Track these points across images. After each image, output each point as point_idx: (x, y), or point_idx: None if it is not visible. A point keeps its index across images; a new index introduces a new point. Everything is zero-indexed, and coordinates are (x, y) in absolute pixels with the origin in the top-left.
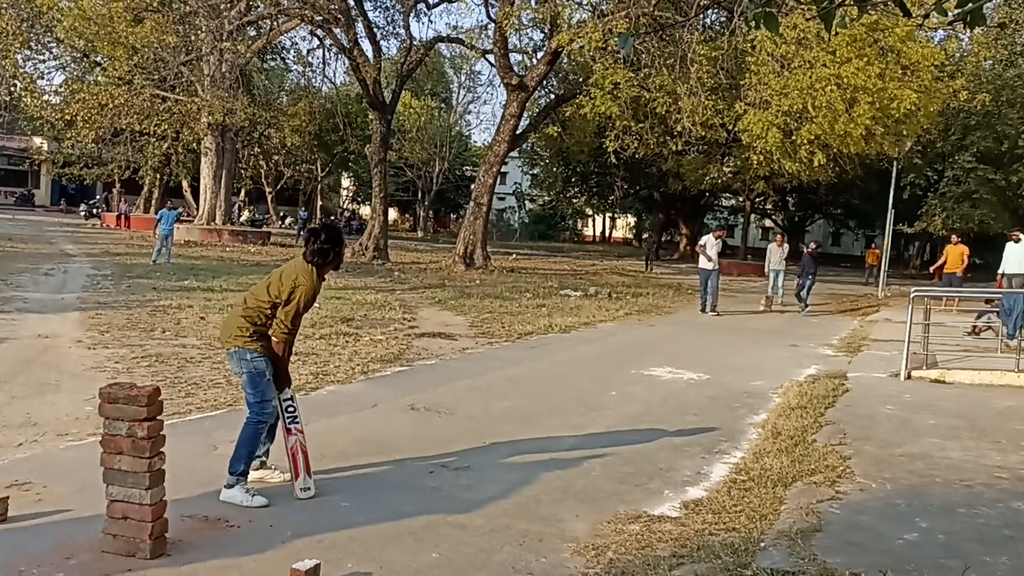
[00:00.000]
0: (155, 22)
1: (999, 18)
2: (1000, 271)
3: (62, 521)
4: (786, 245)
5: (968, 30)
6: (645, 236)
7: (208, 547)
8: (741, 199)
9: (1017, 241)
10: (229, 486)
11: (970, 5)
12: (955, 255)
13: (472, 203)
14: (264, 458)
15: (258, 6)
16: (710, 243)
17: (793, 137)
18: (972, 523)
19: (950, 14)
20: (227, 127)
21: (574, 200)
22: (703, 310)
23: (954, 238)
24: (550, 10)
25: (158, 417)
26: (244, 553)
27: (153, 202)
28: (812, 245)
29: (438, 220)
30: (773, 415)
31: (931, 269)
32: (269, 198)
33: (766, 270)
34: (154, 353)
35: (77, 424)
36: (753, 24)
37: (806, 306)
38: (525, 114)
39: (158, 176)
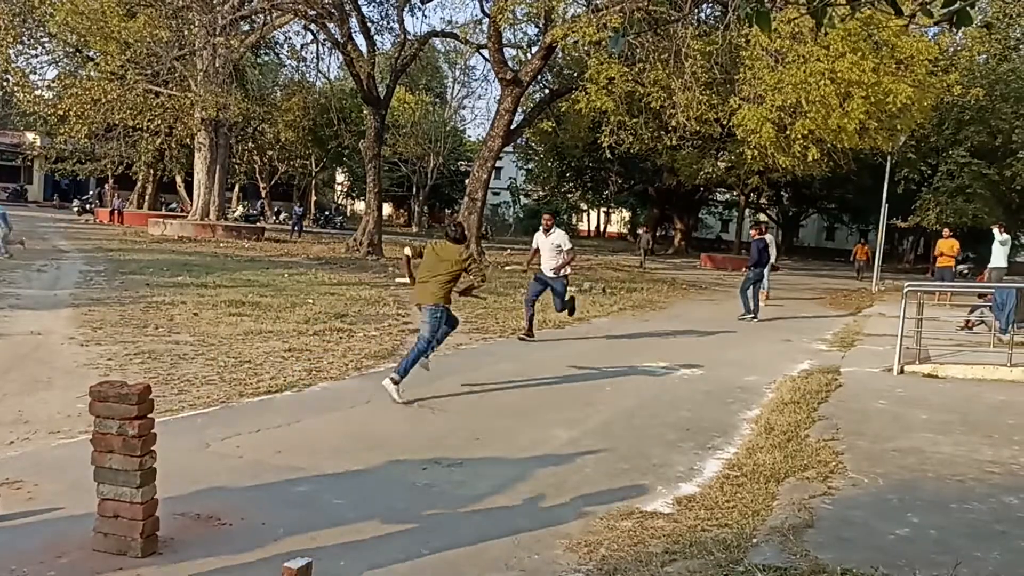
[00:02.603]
0: (148, 17)
1: (990, 15)
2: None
3: (53, 519)
4: (768, 237)
5: (955, 30)
6: (640, 232)
7: (200, 545)
8: (736, 194)
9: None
10: (395, 382)
11: (956, 6)
12: (946, 248)
13: (466, 198)
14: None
15: (251, 1)
16: (539, 240)
17: (787, 132)
18: (964, 518)
19: (936, 15)
20: (221, 122)
21: (569, 195)
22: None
23: (945, 232)
24: (544, 4)
25: (149, 415)
26: (236, 551)
27: (147, 197)
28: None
29: (433, 215)
30: (766, 410)
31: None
32: (263, 193)
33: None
34: (147, 350)
35: (69, 422)
36: (746, 22)
37: (754, 315)
38: (520, 109)
39: (151, 171)
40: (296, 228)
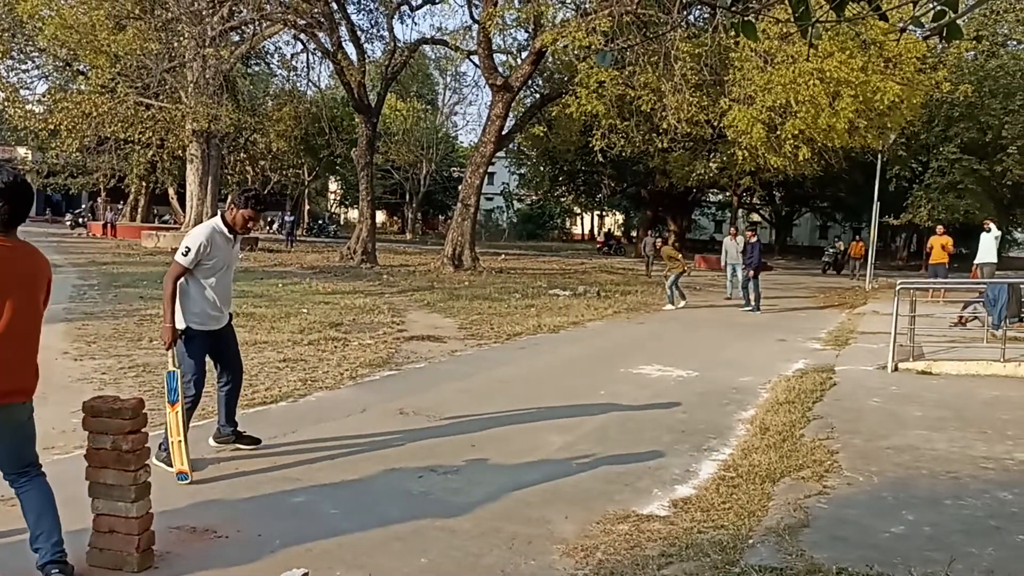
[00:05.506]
0: (137, 29)
1: (977, 13)
2: (976, 261)
3: None
4: (740, 238)
5: (947, 44)
6: (649, 239)
7: (196, 558)
8: (728, 194)
9: (988, 231)
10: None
11: (945, 19)
12: (939, 245)
13: (460, 204)
14: None
15: (241, 11)
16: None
17: (778, 132)
18: (958, 514)
19: (926, 27)
20: (212, 133)
21: (562, 199)
22: None
23: (939, 229)
24: (533, 9)
25: (143, 430)
26: (232, 563)
27: (139, 210)
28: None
29: (426, 222)
30: (761, 411)
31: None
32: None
33: (722, 264)
34: (141, 363)
35: (63, 437)
36: (732, 32)
37: (756, 307)
38: (511, 114)
39: (144, 184)
40: (289, 238)
